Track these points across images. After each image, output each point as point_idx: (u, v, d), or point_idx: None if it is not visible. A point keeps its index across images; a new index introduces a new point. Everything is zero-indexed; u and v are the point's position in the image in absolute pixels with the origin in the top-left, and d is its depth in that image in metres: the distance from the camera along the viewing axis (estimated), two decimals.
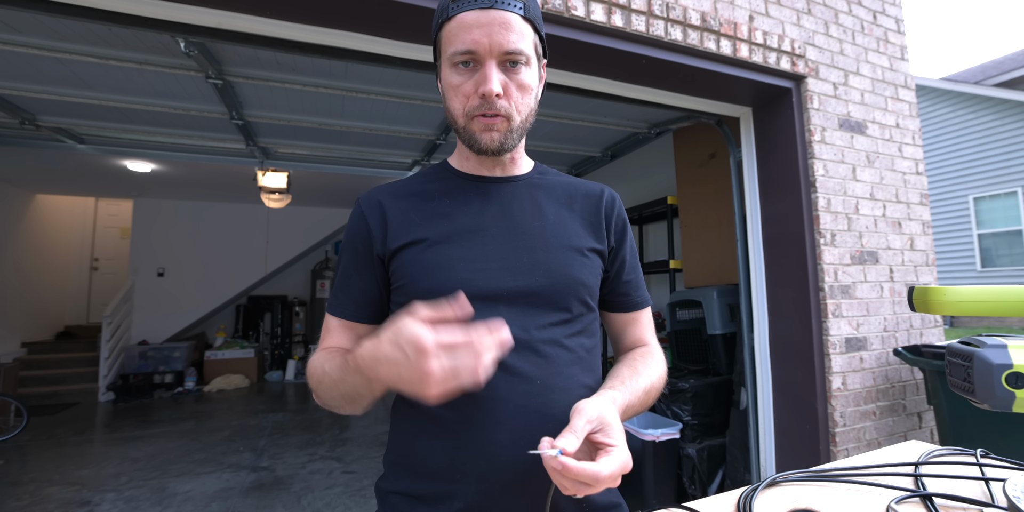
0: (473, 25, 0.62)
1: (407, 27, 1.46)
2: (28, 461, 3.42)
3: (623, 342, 0.81)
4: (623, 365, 0.73)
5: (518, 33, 0.63)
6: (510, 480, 0.61)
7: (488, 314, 0.64)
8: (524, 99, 0.66)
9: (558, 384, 0.65)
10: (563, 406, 0.64)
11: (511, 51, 0.63)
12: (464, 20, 0.62)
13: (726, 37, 1.80)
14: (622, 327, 0.81)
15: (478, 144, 0.67)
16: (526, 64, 0.65)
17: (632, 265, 0.80)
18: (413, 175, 0.79)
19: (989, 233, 8.57)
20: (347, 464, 3.29)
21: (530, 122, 0.70)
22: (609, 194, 0.79)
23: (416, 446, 0.65)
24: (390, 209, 0.71)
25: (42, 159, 4.51)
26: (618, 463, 0.51)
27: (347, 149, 3.63)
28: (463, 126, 0.67)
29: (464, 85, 0.64)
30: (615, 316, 0.80)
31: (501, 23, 0.62)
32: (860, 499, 0.63)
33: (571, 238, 0.72)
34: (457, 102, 0.66)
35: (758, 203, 2.16)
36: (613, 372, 0.72)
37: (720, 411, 2.54)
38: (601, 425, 0.54)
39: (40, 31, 1.98)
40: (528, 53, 0.65)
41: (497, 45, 0.62)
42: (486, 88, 0.62)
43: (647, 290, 0.84)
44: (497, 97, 0.63)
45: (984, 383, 0.76)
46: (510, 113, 0.65)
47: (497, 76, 0.63)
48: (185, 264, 6.42)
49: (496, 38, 0.62)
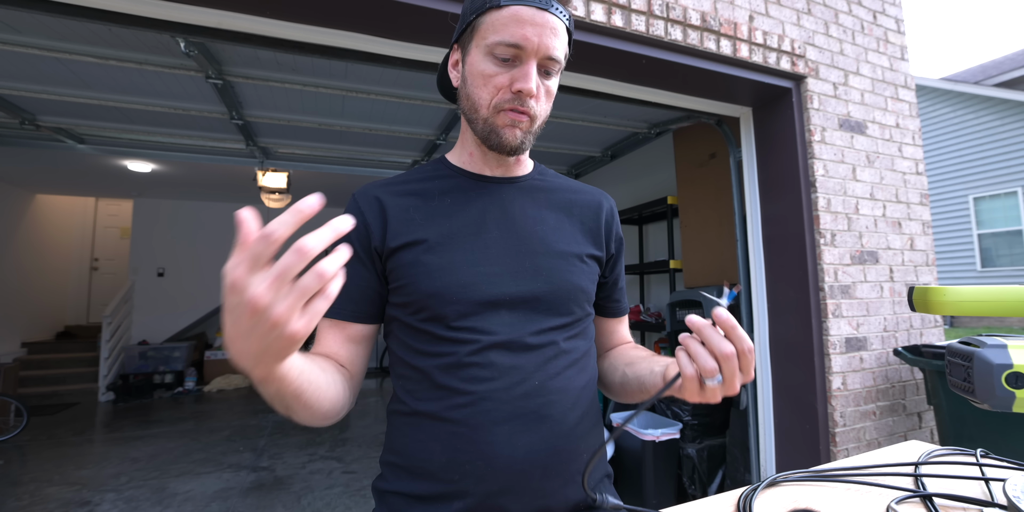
0: (528, 22, 0.61)
1: (407, 27, 1.46)
2: (28, 461, 3.42)
3: (611, 341, 0.85)
4: (631, 348, 0.80)
5: (562, 42, 0.65)
6: (509, 480, 0.60)
7: (488, 319, 0.64)
8: (547, 105, 0.68)
9: (555, 386, 0.65)
10: (560, 407, 0.65)
11: (553, 57, 0.64)
12: (520, 14, 0.62)
13: (726, 37, 1.80)
14: (611, 329, 0.85)
15: (499, 138, 0.66)
16: (557, 73, 0.67)
17: (622, 272, 0.84)
18: (409, 171, 0.76)
19: (989, 233, 8.57)
20: (347, 464, 3.29)
21: (542, 128, 0.71)
22: (608, 204, 0.81)
23: (414, 447, 0.64)
24: (389, 206, 0.69)
25: (42, 159, 4.51)
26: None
27: (347, 149, 3.63)
28: (485, 117, 0.66)
29: (498, 77, 0.63)
30: (606, 321, 0.84)
31: (552, 28, 0.63)
32: (860, 499, 0.63)
33: (571, 244, 0.73)
34: (486, 92, 0.64)
35: (758, 203, 2.16)
36: (628, 355, 0.77)
37: (720, 411, 2.54)
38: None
39: (40, 31, 1.98)
40: (562, 64, 0.66)
41: (544, 48, 0.62)
42: (526, 86, 0.62)
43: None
44: (531, 97, 0.64)
45: (984, 383, 0.77)
46: (536, 114, 0.66)
47: (537, 78, 0.64)
48: (185, 264, 6.42)
49: (545, 41, 0.62)
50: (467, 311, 0.64)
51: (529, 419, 0.62)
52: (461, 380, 0.63)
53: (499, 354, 0.63)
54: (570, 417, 0.65)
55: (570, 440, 0.65)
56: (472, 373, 0.63)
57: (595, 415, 0.71)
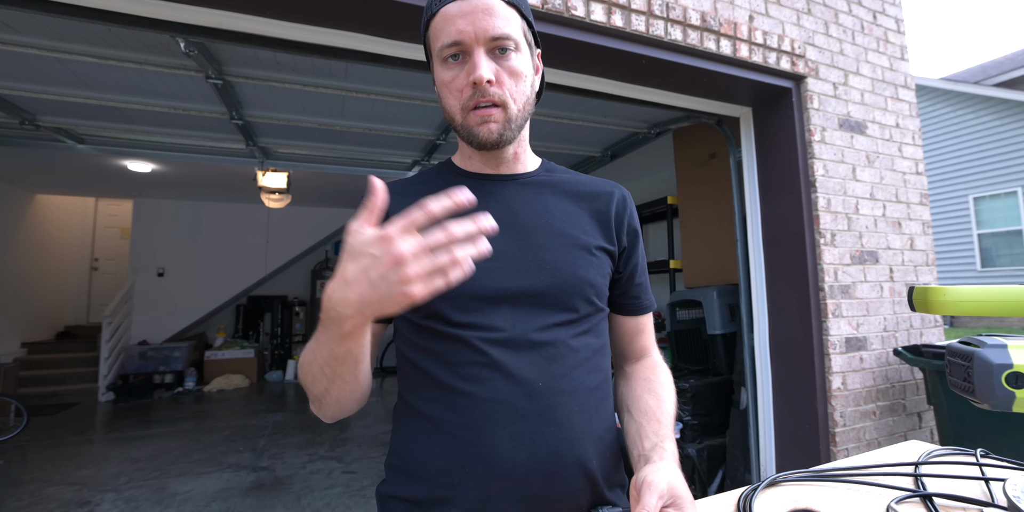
0: (456, 15, 0.61)
1: (407, 27, 1.46)
2: (28, 461, 3.42)
3: (630, 350, 0.79)
4: (643, 389, 0.72)
5: (503, 18, 0.62)
6: (509, 485, 0.59)
7: (491, 315, 0.63)
8: (518, 86, 0.64)
9: (561, 387, 0.63)
10: (566, 410, 0.62)
11: (497, 36, 0.61)
12: (447, 12, 0.62)
13: (726, 37, 1.80)
14: (630, 335, 0.79)
15: (477, 138, 0.65)
16: (515, 50, 0.64)
17: (643, 267, 0.78)
18: (416, 174, 0.77)
19: (989, 233, 8.57)
20: (347, 464, 3.29)
21: (528, 112, 0.68)
22: (620, 193, 0.77)
23: (415, 449, 0.64)
24: (394, 207, 0.68)
25: (42, 159, 4.51)
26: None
27: (347, 149, 3.63)
28: (460, 122, 0.65)
29: (456, 79, 0.63)
30: (624, 320, 0.78)
31: (484, 10, 0.61)
32: (860, 499, 0.63)
33: (578, 236, 0.70)
34: (452, 98, 0.64)
35: (758, 203, 2.16)
36: (636, 399, 0.71)
37: (720, 411, 2.54)
38: (672, 497, 0.53)
39: (40, 31, 1.98)
40: (516, 38, 0.63)
41: (482, 31, 0.61)
42: (476, 74, 0.60)
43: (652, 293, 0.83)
44: (488, 84, 0.61)
45: (984, 383, 0.76)
46: (504, 100, 0.63)
47: (487, 63, 0.61)
48: (185, 264, 6.42)
49: (480, 24, 0.60)
50: (467, 307, 0.63)
51: (532, 422, 0.60)
52: (462, 379, 0.61)
53: (502, 352, 0.61)
54: (577, 420, 0.63)
55: (576, 445, 0.62)
56: (473, 372, 0.61)
57: (606, 418, 0.68)
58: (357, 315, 0.46)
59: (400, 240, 0.43)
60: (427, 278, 0.43)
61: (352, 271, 0.44)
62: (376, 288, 0.44)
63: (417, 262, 0.43)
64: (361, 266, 0.44)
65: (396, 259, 0.42)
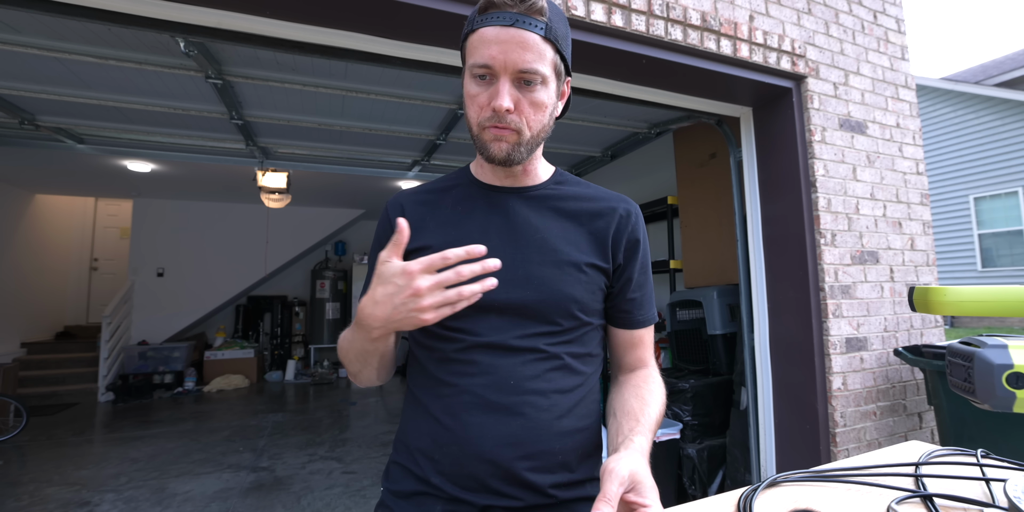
0: (492, 41, 0.64)
1: (407, 27, 1.46)
2: (28, 461, 3.42)
3: (624, 361, 0.82)
4: (630, 394, 0.75)
5: (535, 53, 0.65)
6: (479, 466, 0.66)
7: (478, 322, 0.70)
8: (536, 116, 0.68)
9: (532, 386, 0.69)
10: (534, 407, 0.68)
11: (525, 70, 0.65)
12: (485, 35, 0.65)
13: (726, 37, 1.80)
14: (624, 347, 0.82)
15: (487, 152, 0.69)
16: (542, 84, 0.67)
17: (640, 282, 0.79)
18: (435, 180, 0.83)
19: (989, 233, 8.57)
20: (347, 464, 3.29)
21: (542, 137, 0.72)
22: (625, 209, 0.79)
23: (411, 427, 0.74)
24: (409, 213, 0.76)
25: (42, 159, 4.51)
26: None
27: (347, 149, 3.63)
28: (476, 135, 0.70)
29: (480, 96, 0.67)
30: (618, 332, 0.81)
31: (519, 42, 0.64)
32: (860, 499, 0.63)
33: (570, 252, 0.73)
34: (473, 111, 0.69)
35: (758, 203, 2.16)
36: (622, 403, 0.73)
37: (720, 411, 2.54)
38: (633, 483, 0.55)
39: (40, 31, 1.98)
40: (544, 73, 0.66)
41: (512, 63, 0.64)
42: (497, 103, 0.65)
43: (654, 306, 0.83)
44: (508, 112, 0.65)
45: (985, 383, 0.76)
46: (520, 128, 0.67)
47: (510, 92, 0.65)
48: (185, 264, 6.42)
49: (512, 56, 0.64)
50: (460, 313, 0.66)
51: (502, 414, 0.67)
52: (448, 373, 0.71)
53: (482, 354, 0.70)
54: (544, 416, 0.68)
55: (541, 438, 0.68)
56: (458, 368, 0.70)
57: (582, 418, 0.72)
58: (382, 328, 0.60)
59: (420, 277, 0.55)
60: (437, 308, 0.56)
61: (381, 294, 0.58)
62: (397, 311, 0.57)
63: (431, 295, 0.56)
64: (387, 291, 0.57)
65: (415, 291, 0.55)
